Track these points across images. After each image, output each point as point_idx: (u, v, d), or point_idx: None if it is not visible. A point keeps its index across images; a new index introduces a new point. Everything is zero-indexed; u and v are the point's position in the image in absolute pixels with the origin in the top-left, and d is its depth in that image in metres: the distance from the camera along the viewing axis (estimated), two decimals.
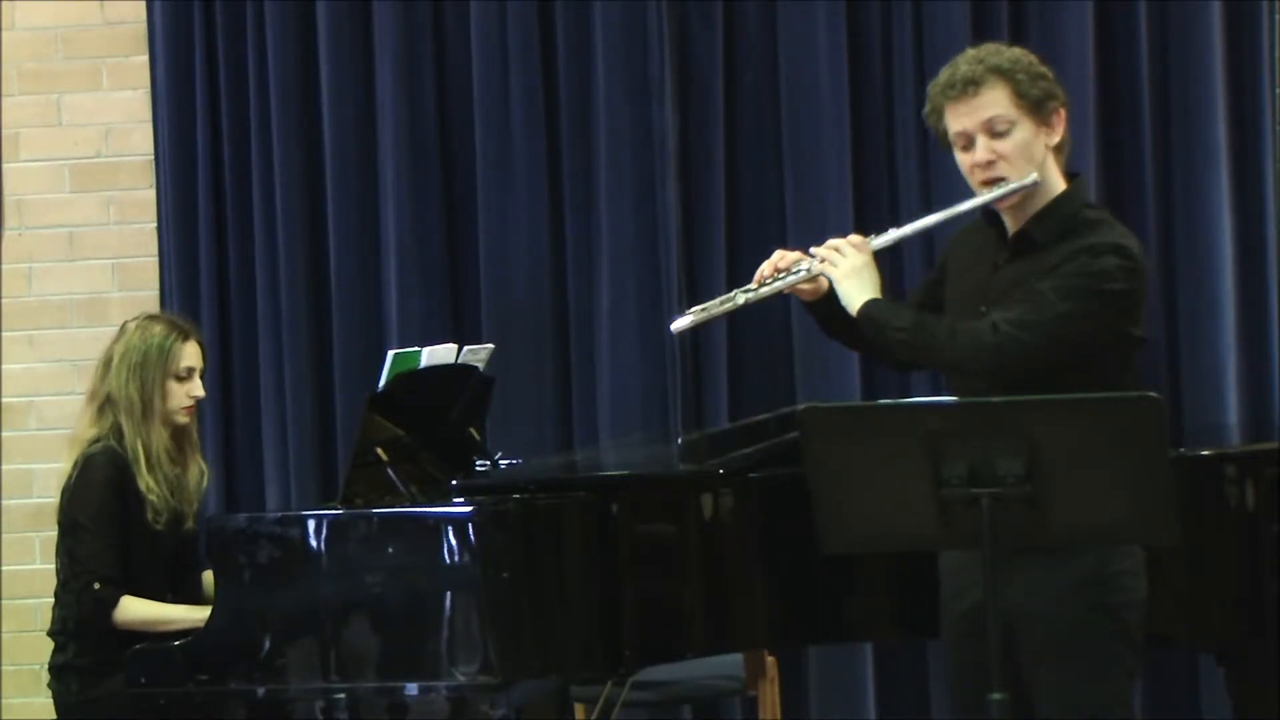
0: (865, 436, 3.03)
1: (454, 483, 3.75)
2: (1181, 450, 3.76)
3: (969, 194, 3.43)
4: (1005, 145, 3.31)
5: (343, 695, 3.49)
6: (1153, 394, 2.93)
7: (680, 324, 3.60)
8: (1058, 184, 3.37)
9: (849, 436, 3.03)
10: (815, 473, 3.04)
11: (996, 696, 2.94)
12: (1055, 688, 3.23)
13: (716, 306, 3.55)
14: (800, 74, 5.13)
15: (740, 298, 3.51)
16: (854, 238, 3.48)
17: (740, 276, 5.10)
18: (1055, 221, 3.34)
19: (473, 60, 5.24)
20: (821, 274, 3.46)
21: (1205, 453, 3.88)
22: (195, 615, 3.85)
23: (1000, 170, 3.32)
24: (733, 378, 5.16)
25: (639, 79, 5.18)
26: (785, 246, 4.98)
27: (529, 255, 5.23)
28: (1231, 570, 3.71)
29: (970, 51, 3.38)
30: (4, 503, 5.48)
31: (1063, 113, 3.36)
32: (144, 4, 5.40)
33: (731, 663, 4.53)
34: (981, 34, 4.96)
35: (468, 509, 3.52)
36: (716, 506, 3.70)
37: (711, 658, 4.31)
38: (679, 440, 4.91)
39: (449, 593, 3.46)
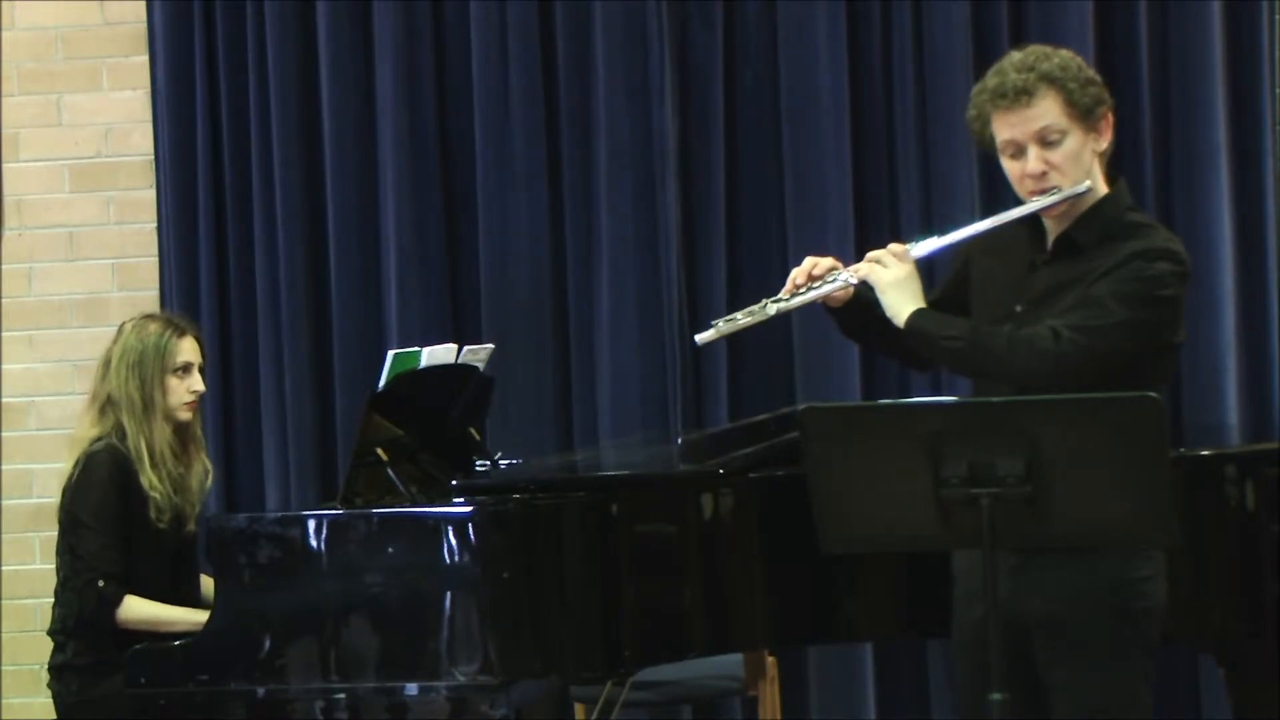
0: (865, 436, 3.03)
1: (454, 483, 3.75)
2: (1181, 450, 3.76)
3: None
4: (1056, 155, 3.26)
5: (343, 695, 3.48)
6: (1153, 394, 2.92)
7: (705, 336, 3.50)
8: (1101, 187, 3.34)
9: (849, 436, 3.03)
10: (815, 473, 3.04)
11: (996, 696, 2.94)
12: (1073, 690, 3.22)
13: (744, 317, 3.44)
14: (800, 74, 5.13)
15: (771, 308, 3.42)
16: (895, 247, 3.39)
17: (741, 277, 5.15)
18: (1099, 224, 3.30)
19: (473, 60, 5.24)
20: (857, 283, 3.39)
21: (1205, 453, 3.88)
22: (196, 618, 3.85)
23: (1052, 180, 3.28)
24: (733, 378, 5.16)
25: (639, 79, 5.17)
26: (786, 246, 5.10)
27: (529, 255, 5.23)
28: (1231, 570, 3.71)
29: (1017, 56, 3.32)
30: (4, 503, 5.49)
31: (1110, 117, 3.33)
32: (144, 4, 5.40)
33: (731, 663, 4.53)
34: (981, 34, 4.98)
35: (468, 509, 3.52)
36: (716, 506, 3.69)
37: (711, 658, 4.31)
38: (679, 440, 4.90)
39: (449, 593, 3.46)
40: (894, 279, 3.35)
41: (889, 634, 4.43)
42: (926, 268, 3.47)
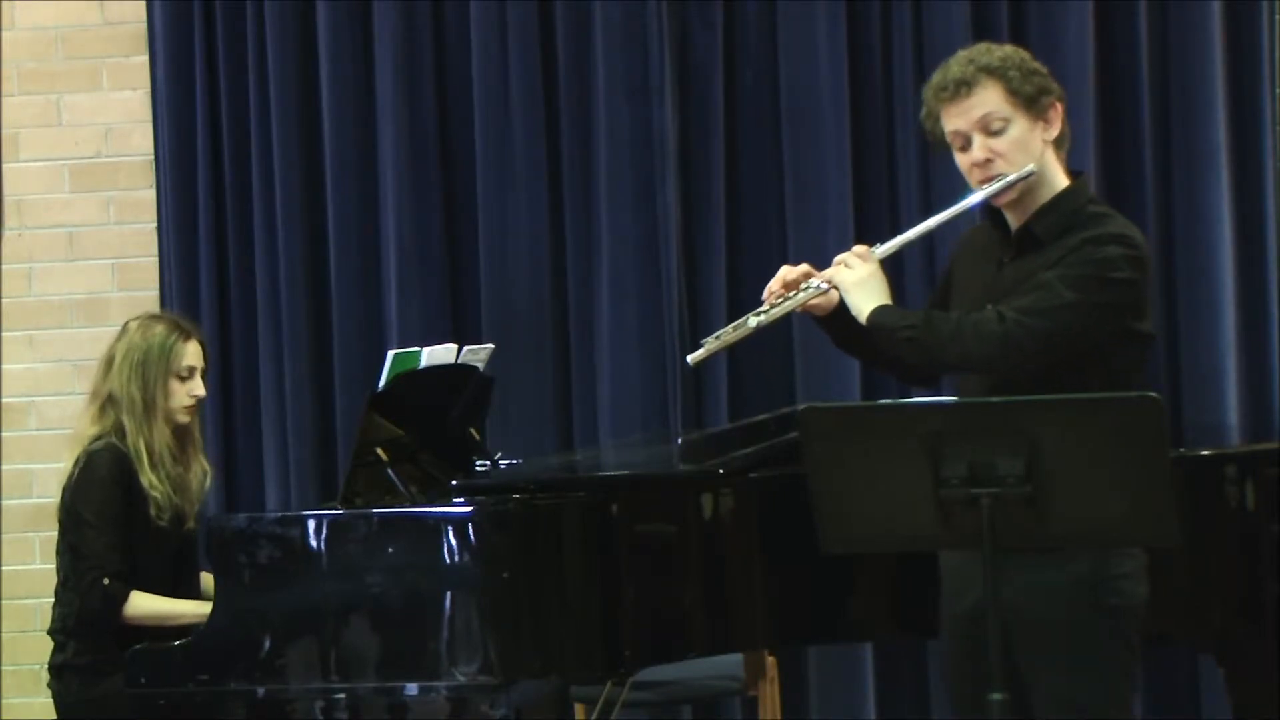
0: (865, 437, 3.03)
1: (454, 483, 3.75)
2: (1181, 450, 3.76)
3: (969, 193, 3.43)
4: (1001, 143, 3.31)
5: (343, 695, 3.48)
6: (1153, 394, 2.93)
7: (696, 356, 3.55)
8: (1060, 180, 3.37)
9: (849, 437, 3.03)
10: (815, 473, 3.04)
11: (996, 696, 2.94)
12: (1053, 689, 3.23)
13: (730, 333, 3.50)
14: (800, 74, 5.13)
15: (752, 321, 3.47)
16: (858, 248, 3.45)
17: (741, 276, 5.14)
18: (1058, 217, 3.33)
19: (473, 60, 5.24)
20: (831, 288, 3.43)
21: (1205, 453, 3.89)
22: (203, 610, 3.84)
23: (998, 168, 3.32)
24: (733, 378, 5.16)
25: (639, 79, 5.17)
26: (786, 246, 5.10)
27: (529, 255, 5.23)
28: (1231, 570, 3.71)
29: (962, 53, 3.38)
30: (4, 503, 5.48)
31: (1059, 107, 3.36)
32: (144, 4, 5.40)
33: (731, 663, 4.53)
34: (981, 34, 4.96)
35: (468, 509, 3.52)
36: (716, 506, 3.69)
37: (711, 658, 4.31)
38: (679, 440, 4.91)
39: (449, 593, 3.46)
40: (857, 279, 3.40)
41: (889, 634, 4.43)
42: (892, 261, 3.50)
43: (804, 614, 3.77)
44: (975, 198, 3.38)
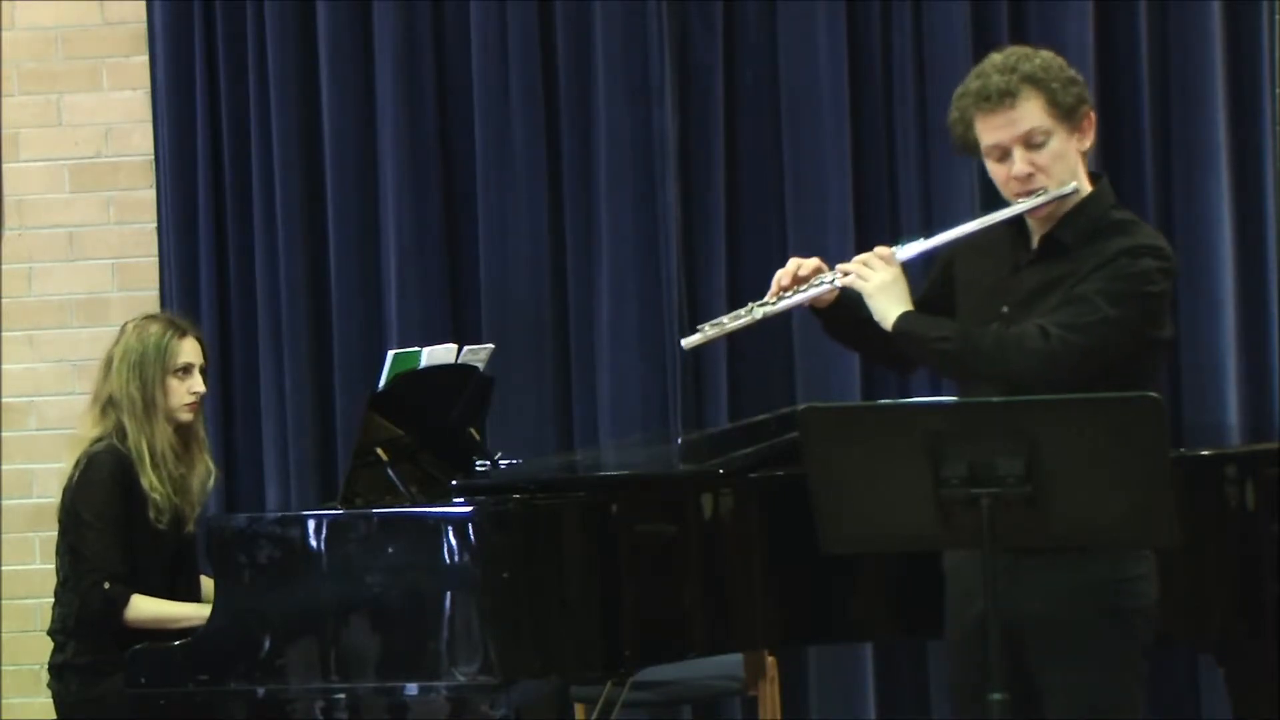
0: (865, 436, 3.03)
1: (454, 483, 3.75)
2: (1181, 450, 3.76)
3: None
4: (1042, 156, 3.26)
5: (343, 695, 3.49)
6: (1153, 394, 2.92)
7: (692, 340, 3.48)
8: (1084, 186, 3.33)
9: (849, 436, 3.03)
10: (815, 473, 3.04)
11: (996, 696, 2.94)
12: (1066, 690, 3.22)
13: (730, 321, 3.43)
14: (800, 74, 5.13)
15: (757, 312, 3.39)
16: (881, 250, 3.37)
17: (741, 277, 5.15)
18: (1084, 223, 3.30)
19: (473, 60, 5.24)
20: (843, 285, 3.36)
21: (1205, 453, 3.89)
22: (204, 612, 3.84)
23: (1038, 181, 3.27)
24: (733, 378, 5.16)
25: (639, 79, 5.18)
26: (786, 246, 5.10)
27: (529, 255, 5.23)
28: (1231, 570, 3.71)
29: (998, 58, 3.31)
30: (4, 503, 5.49)
31: (1092, 116, 3.32)
32: (144, 4, 5.40)
33: (731, 663, 4.53)
34: (981, 34, 4.98)
35: (468, 509, 3.52)
36: (716, 506, 3.69)
37: (711, 658, 4.31)
38: (679, 440, 4.91)
39: (449, 593, 3.46)
40: (880, 283, 3.34)
41: (889, 634, 4.43)
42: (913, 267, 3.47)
43: (804, 614, 3.76)
44: (1013, 210, 3.31)
